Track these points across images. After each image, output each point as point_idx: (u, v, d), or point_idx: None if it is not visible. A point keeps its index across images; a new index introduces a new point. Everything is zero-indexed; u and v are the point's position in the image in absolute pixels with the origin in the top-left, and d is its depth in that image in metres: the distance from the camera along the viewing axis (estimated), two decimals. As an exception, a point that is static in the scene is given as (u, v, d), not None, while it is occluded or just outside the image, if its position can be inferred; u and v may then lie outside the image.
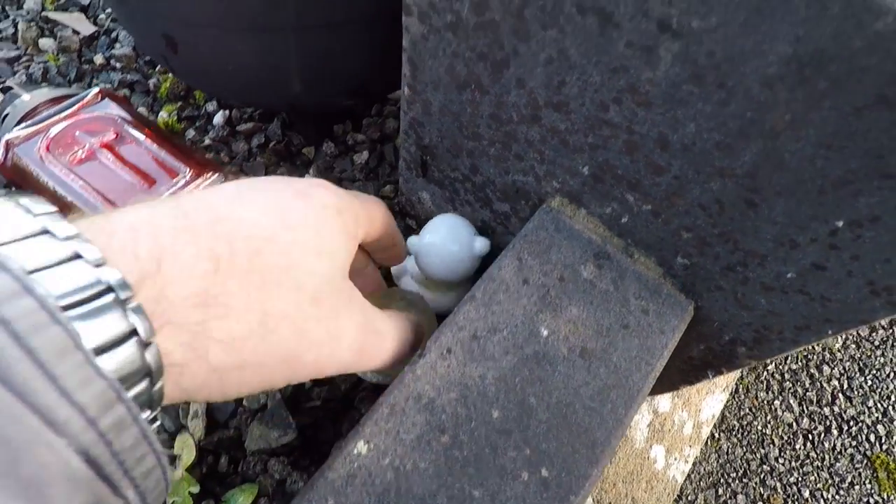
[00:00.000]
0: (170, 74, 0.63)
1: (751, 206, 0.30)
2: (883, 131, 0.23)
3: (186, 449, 0.47)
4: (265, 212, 0.23)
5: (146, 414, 0.18)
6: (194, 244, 0.20)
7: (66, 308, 0.16)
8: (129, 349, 0.17)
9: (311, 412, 0.50)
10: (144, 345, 0.18)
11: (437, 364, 0.33)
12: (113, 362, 0.17)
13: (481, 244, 0.42)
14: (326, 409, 0.50)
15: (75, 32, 0.67)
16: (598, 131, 0.32)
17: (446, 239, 0.42)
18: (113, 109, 0.47)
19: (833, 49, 0.22)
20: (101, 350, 0.16)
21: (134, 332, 0.17)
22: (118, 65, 0.65)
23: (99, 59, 0.65)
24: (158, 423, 0.21)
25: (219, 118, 0.61)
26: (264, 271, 0.22)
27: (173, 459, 0.47)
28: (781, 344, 0.37)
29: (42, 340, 0.14)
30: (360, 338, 0.27)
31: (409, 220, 0.60)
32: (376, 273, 0.39)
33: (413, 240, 0.44)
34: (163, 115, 0.61)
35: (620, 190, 0.35)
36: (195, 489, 0.45)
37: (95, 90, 0.47)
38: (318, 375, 0.26)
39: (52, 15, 0.68)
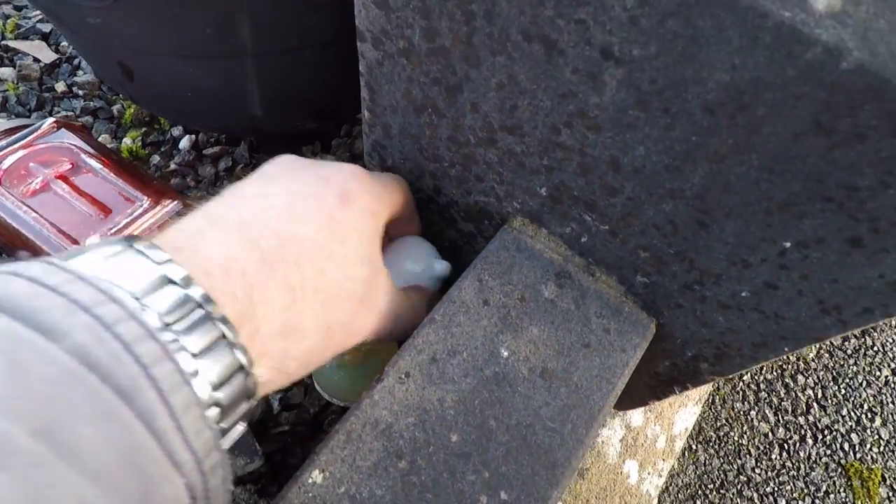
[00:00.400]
0: (135, 99, 0.63)
1: (703, 226, 0.30)
2: (820, 156, 0.24)
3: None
4: (320, 227, 0.27)
5: (239, 430, 0.23)
6: (273, 277, 0.24)
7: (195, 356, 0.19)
8: (239, 380, 0.21)
9: (279, 437, 0.49)
10: (247, 375, 0.22)
11: (394, 388, 0.33)
12: (227, 392, 0.21)
13: (441, 266, 0.42)
14: (294, 434, 0.50)
15: (36, 60, 0.66)
16: (552, 154, 0.33)
17: (407, 260, 0.42)
18: (68, 139, 0.46)
19: (768, 77, 0.22)
20: (219, 385, 0.20)
21: (241, 367, 0.21)
22: (81, 92, 0.64)
23: (61, 86, 0.64)
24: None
25: (185, 143, 0.60)
26: (327, 290, 0.27)
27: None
28: (742, 360, 0.37)
29: (177, 398, 0.18)
30: (385, 322, 0.33)
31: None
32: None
33: None
34: (127, 142, 0.60)
35: (578, 210, 0.35)
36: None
37: (51, 120, 0.47)
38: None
39: (12, 43, 0.67)
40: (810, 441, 0.81)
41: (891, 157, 0.22)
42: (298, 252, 0.26)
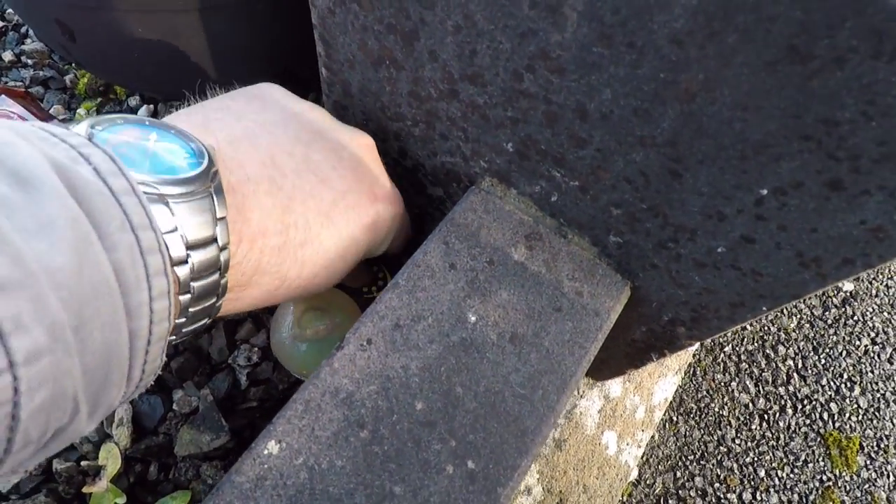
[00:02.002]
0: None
1: (675, 176, 0.29)
2: (796, 88, 0.22)
3: (111, 459, 0.44)
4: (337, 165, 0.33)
5: (203, 322, 0.25)
6: (280, 221, 0.28)
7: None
8: (210, 251, 0.23)
9: (246, 413, 0.47)
10: (221, 249, 0.23)
11: (356, 356, 0.31)
12: (198, 259, 0.22)
13: None
14: (263, 410, 0.48)
15: (-18, 27, 0.62)
16: (516, 104, 0.31)
17: None
18: (9, 107, 0.43)
19: (739, -2, 0.21)
20: (192, 246, 0.22)
21: (214, 240, 0.23)
22: (29, 61, 0.61)
23: (8, 55, 0.61)
24: None
25: (142, 112, 0.57)
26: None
27: (98, 471, 0.44)
28: (719, 322, 0.36)
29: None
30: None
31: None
32: None
33: None
34: (81, 112, 0.57)
35: (546, 166, 0.34)
36: (121, 500, 0.42)
37: (-9, 87, 0.44)
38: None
39: (-44, 10, 0.64)
40: (790, 411, 0.81)
41: (872, 84, 0.20)
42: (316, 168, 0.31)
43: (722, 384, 0.81)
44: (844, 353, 0.88)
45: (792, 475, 0.75)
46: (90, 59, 0.46)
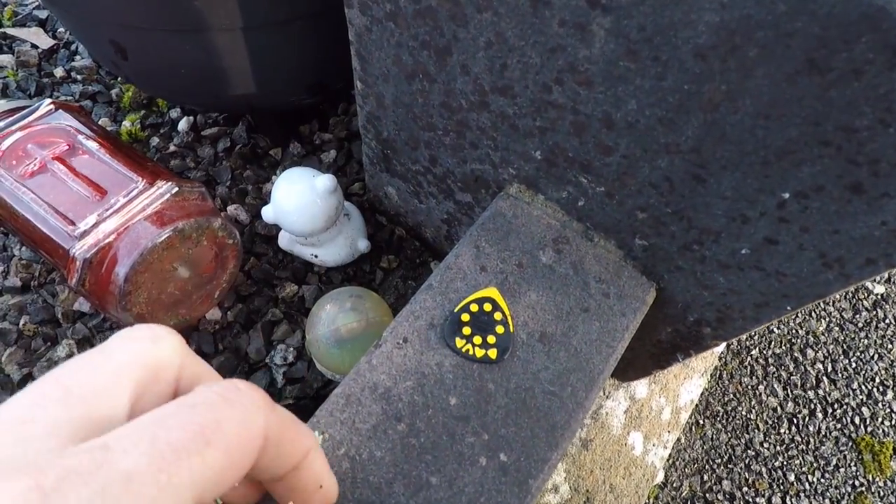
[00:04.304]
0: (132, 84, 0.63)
1: (699, 181, 0.30)
2: (816, 98, 0.23)
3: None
4: None
5: None
6: None
7: None
8: None
9: (283, 413, 0.50)
10: None
11: (392, 353, 0.33)
12: None
13: (323, 181, 0.43)
14: (298, 407, 0.50)
15: (34, 47, 0.66)
16: (544, 114, 0.32)
17: (288, 189, 0.43)
18: (66, 120, 0.46)
19: (759, 14, 0.22)
20: None
21: None
22: (79, 77, 0.64)
23: (59, 72, 0.64)
24: None
25: (183, 124, 0.60)
26: None
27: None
28: (744, 322, 0.37)
29: None
30: None
31: (380, 216, 0.59)
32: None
33: (266, 209, 0.46)
34: (126, 125, 0.60)
35: (574, 173, 0.35)
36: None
37: (48, 101, 0.47)
38: None
39: (10, 31, 0.67)
40: (820, 415, 0.80)
41: (889, 93, 0.21)
42: None
43: (749, 388, 0.81)
44: (876, 356, 0.87)
45: (823, 480, 0.74)
46: (138, 75, 0.48)
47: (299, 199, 0.44)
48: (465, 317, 0.34)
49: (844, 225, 0.27)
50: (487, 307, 0.35)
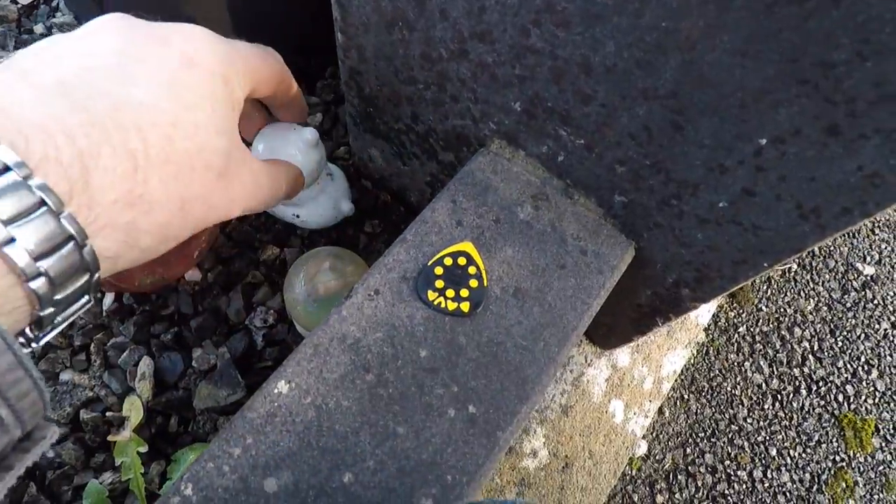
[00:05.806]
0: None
1: (677, 129, 0.29)
2: (794, 29, 0.22)
3: (134, 410, 0.46)
4: (160, 91, 0.23)
5: (84, 300, 0.22)
6: (107, 142, 0.21)
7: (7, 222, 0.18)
8: (69, 251, 0.20)
9: (262, 372, 0.49)
10: (81, 246, 0.20)
11: (363, 305, 0.32)
12: (55, 264, 0.19)
13: (305, 133, 0.40)
14: (277, 371, 0.49)
15: (13, 2, 0.64)
16: (523, 60, 0.31)
17: (270, 144, 0.40)
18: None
19: (736, -59, 0.21)
20: (41, 255, 0.19)
21: (71, 238, 0.20)
22: (60, 33, 0.63)
23: (39, 28, 0.63)
24: (32, 348, 0.21)
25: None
26: (179, 160, 0.24)
27: (122, 422, 0.46)
28: (722, 282, 0.36)
29: None
30: (248, 195, 0.30)
31: (365, 181, 0.58)
32: (262, 113, 0.40)
33: None
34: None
35: (553, 125, 0.34)
36: (143, 449, 0.44)
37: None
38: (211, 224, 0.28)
39: (-10, -16, 0.66)
40: (804, 392, 0.80)
41: (867, 21, 0.20)
42: (136, 116, 0.22)
43: (735, 364, 0.81)
44: (863, 336, 0.87)
45: (804, 455, 0.74)
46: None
47: (281, 153, 0.43)
48: (439, 270, 0.33)
49: (821, 171, 0.26)
50: (462, 261, 0.34)
